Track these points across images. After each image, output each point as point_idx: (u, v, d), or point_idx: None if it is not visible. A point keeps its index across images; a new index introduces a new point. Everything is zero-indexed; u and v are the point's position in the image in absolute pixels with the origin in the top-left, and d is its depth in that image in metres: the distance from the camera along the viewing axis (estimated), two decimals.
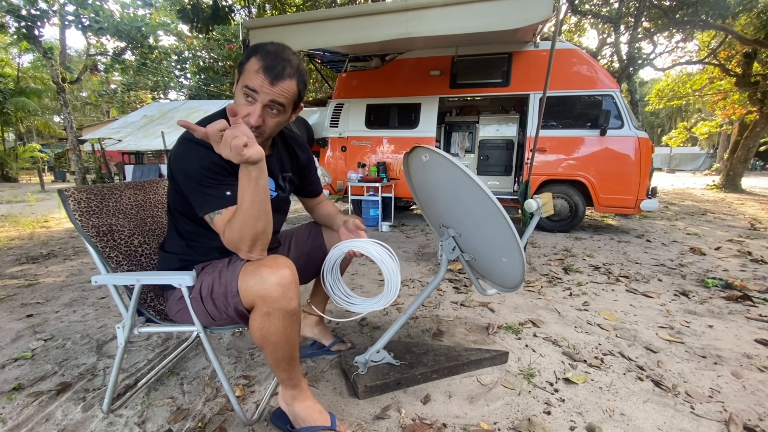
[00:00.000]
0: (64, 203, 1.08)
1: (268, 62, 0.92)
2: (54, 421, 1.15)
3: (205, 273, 1.05)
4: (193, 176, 0.95)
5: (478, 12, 3.01)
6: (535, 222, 1.39)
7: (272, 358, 0.99)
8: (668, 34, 10.62)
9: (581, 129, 4.12)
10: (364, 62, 5.10)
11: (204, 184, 0.94)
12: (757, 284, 2.46)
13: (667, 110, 27.17)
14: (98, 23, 10.76)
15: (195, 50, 19.85)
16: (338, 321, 1.13)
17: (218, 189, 0.94)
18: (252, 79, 0.91)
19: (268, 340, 0.94)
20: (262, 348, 0.97)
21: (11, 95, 14.02)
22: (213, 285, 0.99)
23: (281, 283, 0.89)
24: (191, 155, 0.96)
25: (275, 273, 0.89)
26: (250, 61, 0.93)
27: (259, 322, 0.92)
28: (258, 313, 0.92)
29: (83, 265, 2.96)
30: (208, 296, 1.00)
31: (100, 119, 22.13)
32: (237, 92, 0.97)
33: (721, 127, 19.64)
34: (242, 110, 0.93)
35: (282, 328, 0.93)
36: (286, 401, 1.09)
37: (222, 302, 0.97)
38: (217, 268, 1.03)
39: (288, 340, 0.96)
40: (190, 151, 0.96)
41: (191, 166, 0.95)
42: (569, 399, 1.27)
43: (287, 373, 1.04)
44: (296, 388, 1.08)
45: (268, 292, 0.88)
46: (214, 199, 0.94)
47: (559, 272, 2.75)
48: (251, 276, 0.91)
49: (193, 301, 1.03)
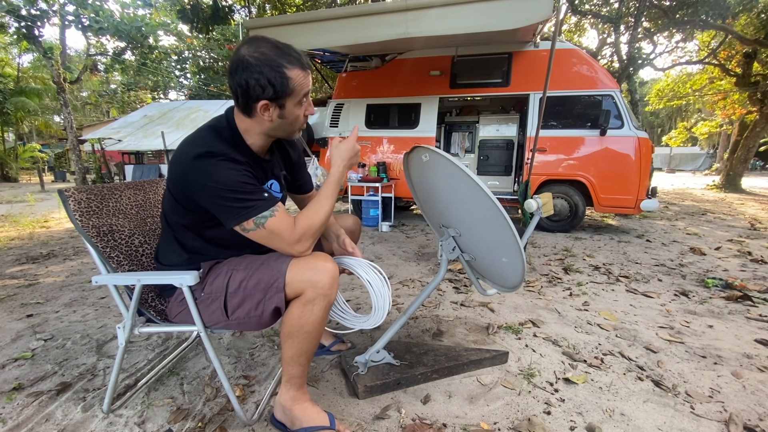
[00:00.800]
0: (65, 203, 1.08)
1: (301, 62, 0.96)
2: (54, 421, 1.15)
3: (232, 269, 1.03)
4: (232, 187, 0.93)
5: (478, 12, 3.01)
6: (535, 222, 1.39)
7: (296, 349, 1.01)
8: (668, 34, 10.62)
9: (581, 129, 4.12)
10: (364, 62, 5.10)
11: (243, 192, 0.94)
12: (757, 284, 2.46)
13: (667, 110, 27.17)
14: (98, 23, 10.75)
15: (195, 50, 19.85)
16: (334, 332, 1.17)
17: (258, 194, 0.96)
18: (304, 84, 0.97)
19: (302, 330, 0.98)
20: (291, 338, 0.99)
21: (11, 95, 14.02)
22: (247, 281, 0.99)
23: (332, 274, 0.97)
24: (223, 169, 0.94)
25: (327, 265, 0.98)
26: (291, 78, 0.94)
27: (300, 310, 0.96)
28: (302, 300, 0.96)
29: (83, 265, 2.96)
30: (237, 291, 1.00)
31: (100, 119, 22.12)
32: (289, 112, 0.99)
33: (721, 127, 19.63)
34: (301, 114, 1.03)
35: (321, 317, 0.98)
36: (284, 403, 1.08)
37: (256, 297, 0.98)
38: (250, 265, 1.02)
39: (319, 332, 1.01)
40: (220, 166, 0.94)
41: (228, 179, 0.93)
42: (569, 399, 1.27)
43: (301, 369, 1.05)
44: (299, 390, 1.08)
45: (320, 278, 0.95)
46: (261, 203, 0.95)
47: (559, 272, 2.75)
48: (303, 267, 0.97)
49: (208, 298, 1.02)
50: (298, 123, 1.04)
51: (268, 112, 0.97)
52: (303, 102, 1.00)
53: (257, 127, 1.01)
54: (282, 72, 0.92)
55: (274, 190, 1.17)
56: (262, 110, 0.96)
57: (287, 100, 0.96)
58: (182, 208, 1.03)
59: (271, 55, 0.92)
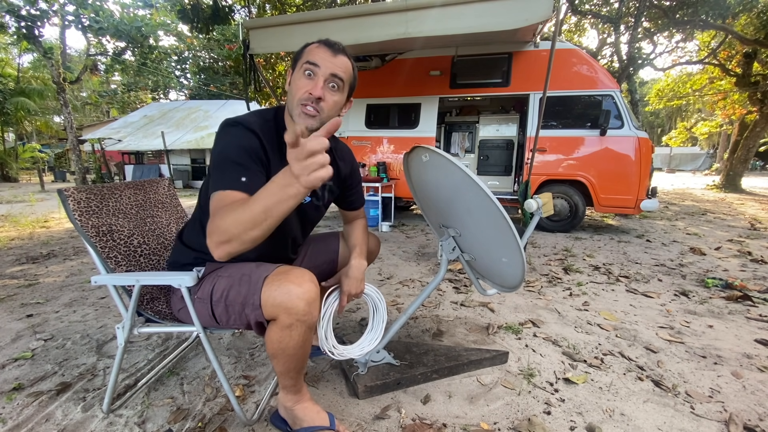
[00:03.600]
0: (64, 203, 1.08)
1: (327, 41, 0.98)
2: (54, 421, 1.15)
3: (219, 276, 1.01)
4: (228, 152, 0.91)
5: (478, 12, 3.01)
6: (535, 222, 1.38)
7: (284, 367, 0.99)
8: (668, 34, 10.62)
9: (581, 129, 4.12)
10: (364, 62, 5.10)
11: (231, 162, 0.89)
12: (757, 284, 2.46)
13: (667, 110, 27.17)
14: (98, 23, 10.74)
15: (195, 50, 19.85)
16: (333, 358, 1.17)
17: (239, 172, 0.89)
18: (313, 54, 0.95)
19: (285, 353, 0.94)
20: (275, 358, 0.96)
21: (11, 95, 14.02)
22: (228, 291, 0.97)
23: (306, 298, 0.88)
24: (237, 135, 0.94)
25: (301, 287, 0.88)
26: (308, 46, 0.98)
27: (278, 334, 0.91)
28: (279, 325, 0.91)
29: (83, 265, 2.96)
30: (220, 300, 0.98)
31: (100, 119, 22.13)
32: (294, 80, 0.97)
33: (721, 127, 19.64)
34: (303, 87, 0.94)
35: (301, 341, 0.93)
36: (285, 405, 1.09)
37: (237, 310, 0.95)
38: (234, 274, 0.99)
39: (304, 352, 0.97)
40: (237, 132, 0.95)
41: (231, 144, 0.93)
42: (569, 399, 1.27)
43: (294, 381, 1.04)
44: (298, 393, 1.08)
45: (293, 305, 0.87)
46: (229, 178, 0.88)
47: (559, 272, 2.75)
48: (276, 289, 0.88)
49: (199, 301, 1.02)
50: (297, 95, 0.94)
51: (288, 77, 1.01)
52: (310, 75, 0.94)
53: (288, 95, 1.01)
54: (305, 47, 0.98)
55: None
56: (288, 77, 1.01)
57: (297, 64, 0.98)
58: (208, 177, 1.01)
59: (314, 41, 0.99)
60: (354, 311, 2.02)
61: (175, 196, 1.53)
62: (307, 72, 0.94)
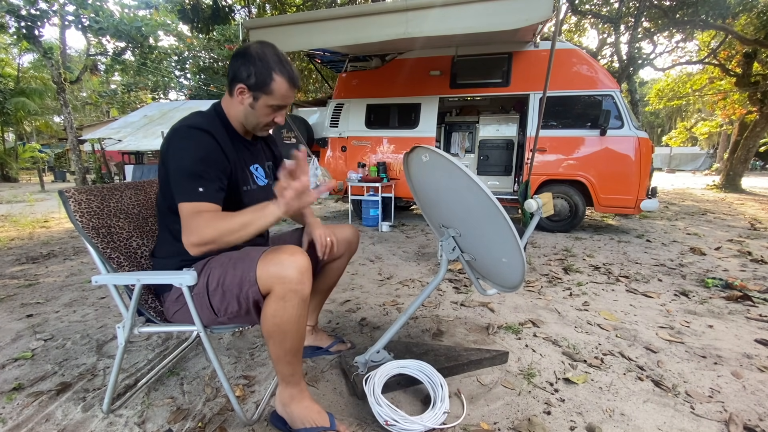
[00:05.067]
0: (65, 204, 1.08)
1: (292, 76, 1.06)
2: (54, 421, 1.15)
3: (211, 267, 1.05)
4: (193, 161, 0.98)
5: (478, 12, 3.01)
6: (535, 222, 1.39)
7: (281, 349, 1.00)
8: (668, 34, 10.62)
9: (581, 129, 4.12)
10: (364, 62, 5.10)
11: (200, 172, 0.98)
12: (757, 284, 2.46)
13: (667, 110, 27.17)
14: (98, 23, 10.74)
15: (195, 50, 19.85)
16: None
17: (206, 181, 0.98)
18: (286, 99, 1.07)
19: (280, 328, 0.96)
20: (271, 338, 0.98)
21: (11, 95, 14.01)
22: (224, 277, 1.00)
23: (298, 267, 0.94)
24: (194, 142, 1.01)
25: (293, 258, 0.95)
26: (275, 81, 1.04)
27: (273, 308, 0.95)
28: (274, 297, 0.94)
29: (83, 265, 2.96)
30: (216, 288, 1.01)
31: (100, 119, 22.11)
32: (260, 108, 1.08)
33: (721, 127, 19.63)
34: (266, 118, 1.11)
35: (296, 315, 0.96)
36: (283, 402, 1.08)
37: (234, 293, 0.98)
38: (225, 262, 1.04)
39: (299, 328, 0.99)
40: (192, 135, 1.01)
41: (189, 155, 0.99)
42: (569, 399, 1.27)
43: (292, 367, 1.04)
44: (296, 387, 1.08)
45: (286, 273, 0.93)
46: (191, 189, 0.97)
47: (559, 272, 2.75)
48: (271, 262, 0.95)
49: (196, 297, 1.03)
50: (264, 121, 1.11)
51: (242, 96, 1.07)
52: (276, 110, 1.10)
53: (234, 107, 1.11)
54: (270, 73, 1.03)
55: (258, 175, 1.23)
56: (238, 92, 1.06)
57: (262, 96, 1.05)
58: (165, 186, 1.06)
59: (270, 58, 1.03)
60: (354, 311, 2.02)
61: None
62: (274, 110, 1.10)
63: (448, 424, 1.13)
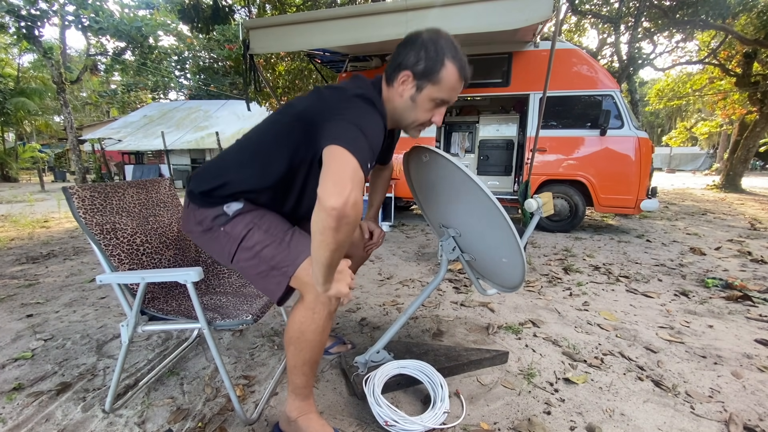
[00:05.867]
0: (69, 201, 1.08)
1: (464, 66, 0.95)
2: (54, 421, 1.15)
3: (256, 224, 0.99)
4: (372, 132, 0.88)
5: (478, 12, 3.01)
6: (535, 222, 1.39)
7: (299, 357, 0.97)
8: (668, 34, 10.60)
9: (581, 129, 4.12)
10: (364, 62, 5.10)
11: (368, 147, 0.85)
12: (757, 284, 2.46)
13: (667, 110, 27.16)
14: (98, 23, 10.74)
15: (195, 50, 19.85)
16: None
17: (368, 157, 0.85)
18: (452, 92, 0.96)
19: (304, 336, 0.93)
20: (292, 344, 0.95)
21: (11, 95, 14.01)
22: (265, 247, 0.97)
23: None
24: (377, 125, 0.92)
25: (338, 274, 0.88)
26: (446, 68, 0.92)
27: (302, 315, 0.93)
28: (303, 306, 0.92)
29: (83, 265, 2.96)
30: (251, 249, 0.97)
31: (100, 119, 22.12)
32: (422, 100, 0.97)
33: (721, 127, 19.63)
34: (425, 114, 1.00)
35: (322, 326, 0.93)
36: (289, 414, 1.03)
37: (263, 268, 0.96)
38: (275, 232, 0.99)
39: (322, 340, 0.96)
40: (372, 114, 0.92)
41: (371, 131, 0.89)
42: (569, 399, 1.27)
43: (305, 379, 1.00)
44: (305, 401, 1.03)
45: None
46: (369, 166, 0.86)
47: (559, 272, 2.75)
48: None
49: (225, 235, 1.00)
50: (422, 118, 1.00)
51: (404, 86, 0.97)
52: (437, 105, 0.99)
53: (393, 99, 1.00)
54: (442, 59, 0.92)
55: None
56: (401, 81, 0.96)
57: (427, 86, 0.95)
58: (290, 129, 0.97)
59: (444, 44, 0.93)
60: (354, 311, 2.02)
61: (175, 196, 1.54)
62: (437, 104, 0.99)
63: (448, 424, 1.13)
